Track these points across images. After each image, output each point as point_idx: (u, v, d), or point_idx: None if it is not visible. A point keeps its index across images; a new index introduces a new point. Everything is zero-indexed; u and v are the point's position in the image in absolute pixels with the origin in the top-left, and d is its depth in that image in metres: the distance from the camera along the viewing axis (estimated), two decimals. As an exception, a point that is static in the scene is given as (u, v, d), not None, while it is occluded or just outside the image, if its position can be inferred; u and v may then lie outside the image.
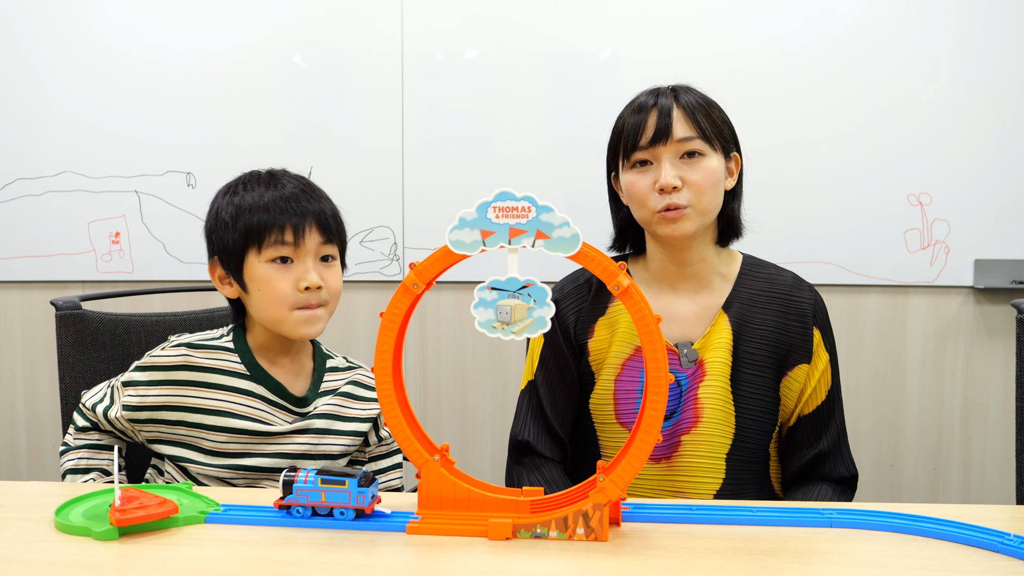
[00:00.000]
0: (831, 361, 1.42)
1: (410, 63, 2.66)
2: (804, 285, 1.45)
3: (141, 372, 1.34)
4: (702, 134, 1.34)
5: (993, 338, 2.65)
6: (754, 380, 1.38)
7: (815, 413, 1.41)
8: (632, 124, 1.36)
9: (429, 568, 0.94)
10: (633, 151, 1.35)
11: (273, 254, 1.30)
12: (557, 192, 2.60)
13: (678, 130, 1.33)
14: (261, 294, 1.31)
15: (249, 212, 1.30)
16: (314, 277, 1.30)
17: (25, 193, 2.73)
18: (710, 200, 1.35)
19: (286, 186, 1.33)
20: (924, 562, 0.94)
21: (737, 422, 1.37)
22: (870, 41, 2.57)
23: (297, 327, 1.32)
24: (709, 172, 1.34)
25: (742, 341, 1.38)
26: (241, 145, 2.67)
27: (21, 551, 0.97)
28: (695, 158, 1.34)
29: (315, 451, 1.37)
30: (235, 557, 0.96)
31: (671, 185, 1.32)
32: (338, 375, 1.44)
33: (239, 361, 1.36)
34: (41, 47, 2.70)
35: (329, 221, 1.33)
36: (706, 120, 1.35)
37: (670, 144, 1.33)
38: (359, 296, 2.74)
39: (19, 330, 2.81)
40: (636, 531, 1.05)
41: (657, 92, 1.38)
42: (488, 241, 0.99)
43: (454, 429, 2.74)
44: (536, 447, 1.44)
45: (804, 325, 1.40)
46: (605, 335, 1.42)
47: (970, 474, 2.70)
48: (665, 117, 1.33)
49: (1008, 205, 2.59)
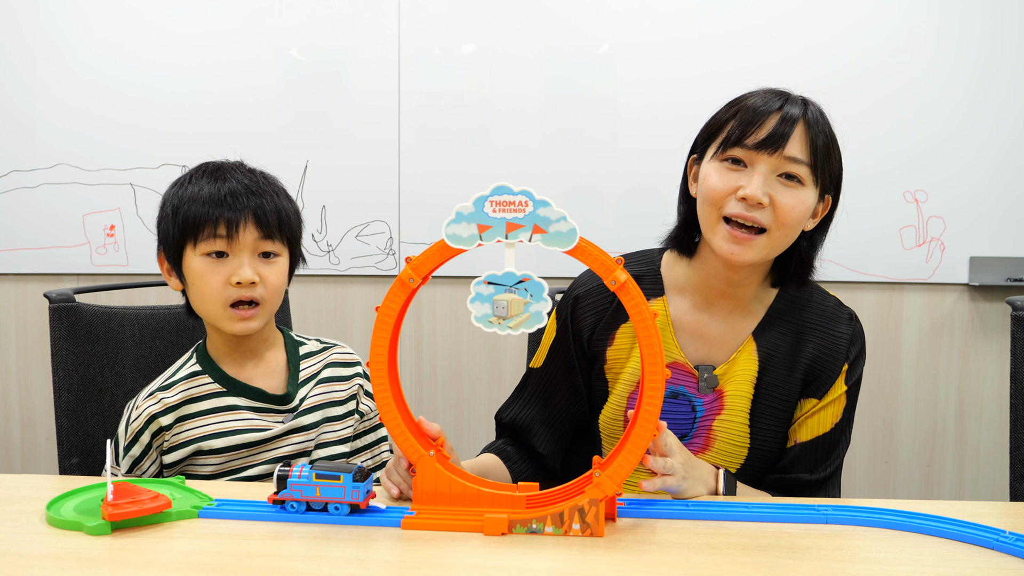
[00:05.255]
0: (848, 393, 1.31)
1: (407, 57, 2.65)
2: (844, 316, 1.33)
3: (127, 448, 1.31)
4: (813, 161, 1.22)
5: (988, 335, 2.66)
6: (773, 413, 1.30)
7: (813, 443, 1.31)
8: (746, 118, 1.21)
9: (424, 563, 0.94)
10: (733, 146, 1.22)
11: (207, 248, 1.28)
12: (554, 185, 2.60)
13: (792, 146, 1.20)
14: (195, 288, 1.30)
15: (188, 204, 1.29)
16: (247, 272, 1.28)
17: (20, 185, 2.72)
18: (788, 234, 1.24)
19: (228, 180, 1.30)
20: (918, 558, 0.95)
21: (750, 452, 1.30)
22: (866, 38, 2.57)
23: (233, 324, 1.30)
24: (801, 203, 1.22)
25: (767, 373, 1.30)
26: (237, 138, 2.66)
27: (13, 544, 0.97)
28: (792, 183, 1.22)
29: (312, 447, 1.36)
30: (228, 551, 0.96)
31: (757, 199, 1.19)
32: (314, 360, 1.42)
33: (211, 380, 1.34)
34: (36, 39, 2.68)
35: (269, 217, 1.30)
36: (823, 149, 1.23)
37: (776, 156, 1.20)
38: (354, 290, 2.74)
39: (13, 323, 2.80)
40: (632, 526, 1.04)
41: (786, 97, 1.24)
42: (485, 235, 0.99)
43: (449, 424, 2.73)
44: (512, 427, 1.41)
45: (834, 360, 1.30)
46: (625, 344, 1.34)
47: (964, 471, 2.71)
48: (786, 126, 1.20)
49: (1003, 203, 2.59)
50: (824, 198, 1.29)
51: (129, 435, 1.31)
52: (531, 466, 1.39)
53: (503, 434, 1.45)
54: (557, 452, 1.40)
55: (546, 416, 1.39)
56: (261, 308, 1.31)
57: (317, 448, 1.37)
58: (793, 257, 1.31)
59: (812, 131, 1.22)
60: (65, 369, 1.51)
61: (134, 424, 1.31)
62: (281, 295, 1.35)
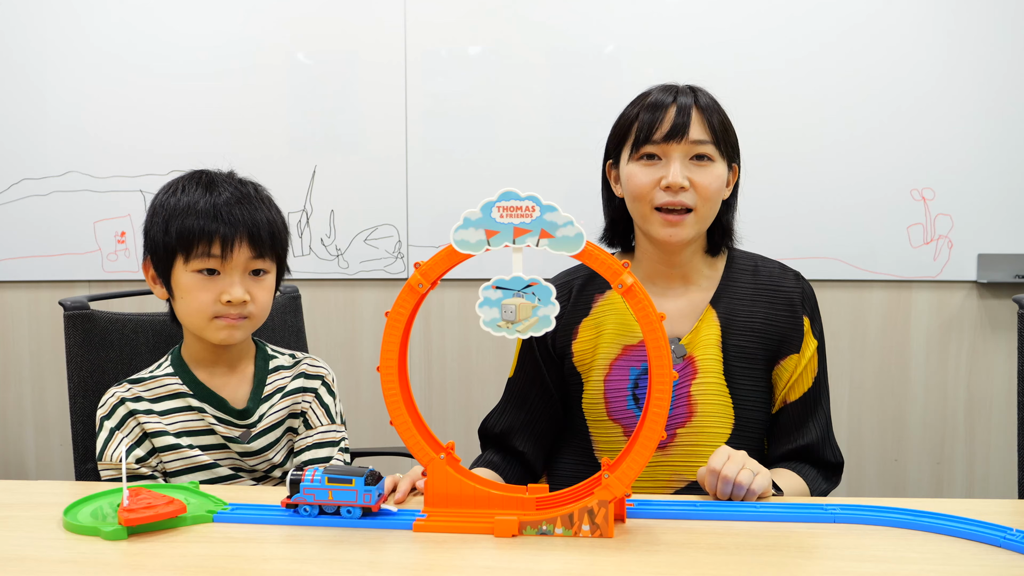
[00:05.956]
0: (819, 348, 1.42)
1: (413, 61, 2.66)
2: (790, 273, 1.44)
3: (103, 432, 1.33)
4: (715, 139, 1.34)
5: (996, 333, 2.65)
6: (747, 372, 1.38)
7: (801, 400, 1.40)
8: (647, 118, 1.34)
9: (436, 565, 0.95)
10: (644, 143, 1.33)
11: (200, 265, 1.29)
12: (561, 188, 2.61)
13: (694, 131, 1.32)
14: (183, 302, 1.31)
15: (181, 216, 1.29)
16: (238, 292, 1.28)
17: (31, 193, 2.74)
18: (712, 207, 1.35)
19: (222, 193, 1.30)
20: (926, 556, 0.95)
21: (736, 413, 1.37)
22: (873, 36, 2.57)
23: (216, 333, 1.31)
24: (716, 178, 1.34)
25: (731, 335, 1.38)
26: (245, 144, 2.68)
27: (32, 550, 0.99)
28: (704, 162, 1.33)
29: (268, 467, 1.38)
30: (243, 555, 0.97)
31: (679, 185, 1.30)
32: (284, 373, 1.42)
33: (180, 382, 1.36)
34: (45, 48, 2.70)
35: (262, 233, 1.30)
36: (720, 126, 1.35)
37: (684, 143, 1.32)
38: (364, 294, 2.75)
39: (26, 330, 2.82)
40: (641, 527, 1.05)
41: (676, 90, 1.36)
42: (492, 240, 1.00)
43: (459, 427, 2.75)
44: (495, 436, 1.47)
45: (794, 314, 1.40)
46: (590, 336, 1.41)
47: (974, 468, 2.70)
48: (683, 115, 1.32)
49: (1011, 200, 2.58)
50: (732, 167, 1.40)
51: (104, 411, 1.33)
52: (519, 470, 1.45)
53: (487, 445, 1.50)
54: (538, 453, 1.46)
55: (523, 420, 1.46)
56: (247, 321, 1.32)
57: (293, 455, 1.39)
58: (717, 225, 1.41)
59: (707, 113, 1.34)
60: (80, 375, 1.53)
61: (106, 405, 1.34)
62: (267, 312, 1.36)
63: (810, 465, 1.40)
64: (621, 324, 1.40)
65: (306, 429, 1.40)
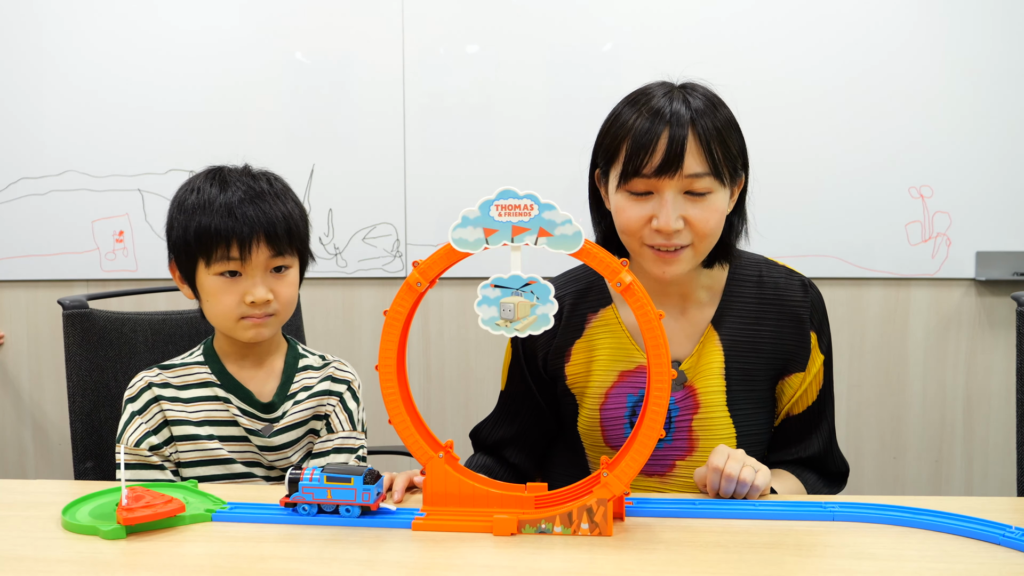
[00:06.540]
0: (825, 362, 1.34)
1: (411, 58, 2.66)
2: (797, 283, 1.33)
3: (125, 414, 1.34)
4: (714, 170, 1.18)
5: (995, 330, 2.65)
6: (750, 395, 1.31)
7: (805, 414, 1.34)
8: (636, 145, 1.18)
9: (435, 563, 0.95)
10: (633, 176, 1.19)
11: (221, 268, 1.29)
12: (560, 187, 2.58)
13: (689, 164, 1.17)
14: (209, 304, 1.32)
15: (199, 215, 1.28)
16: (261, 292, 1.29)
17: (29, 192, 2.74)
18: (711, 241, 1.23)
19: (235, 191, 1.30)
20: (924, 554, 0.95)
21: (738, 433, 1.31)
22: (870, 34, 2.56)
23: (245, 332, 1.32)
24: (714, 212, 1.20)
25: (734, 360, 1.30)
26: (243, 142, 2.67)
27: (30, 549, 0.98)
28: (700, 197, 1.19)
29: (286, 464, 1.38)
30: (242, 554, 0.97)
31: (671, 230, 1.18)
32: (312, 373, 1.42)
33: (209, 371, 1.37)
34: (43, 46, 2.70)
35: (279, 231, 1.29)
36: (721, 151, 1.19)
37: (677, 178, 1.17)
38: (362, 293, 2.75)
39: (24, 329, 2.82)
40: (639, 525, 1.05)
41: (669, 112, 1.18)
42: (491, 239, 1.00)
43: (458, 426, 2.74)
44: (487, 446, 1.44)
45: (801, 331, 1.31)
46: (583, 358, 1.34)
47: (973, 466, 2.70)
48: (677, 146, 1.16)
49: (1009, 197, 2.59)
50: (736, 181, 1.26)
51: (130, 393, 1.34)
52: (512, 475, 1.42)
53: (478, 449, 1.47)
54: (531, 462, 1.44)
55: (515, 432, 1.42)
56: (274, 318, 1.33)
57: (311, 457, 1.39)
58: (718, 244, 1.28)
59: (704, 137, 1.18)
60: (79, 374, 1.53)
61: (133, 388, 1.34)
62: (294, 305, 1.37)
63: (811, 471, 1.37)
64: (616, 349, 1.32)
65: (328, 433, 1.40)
